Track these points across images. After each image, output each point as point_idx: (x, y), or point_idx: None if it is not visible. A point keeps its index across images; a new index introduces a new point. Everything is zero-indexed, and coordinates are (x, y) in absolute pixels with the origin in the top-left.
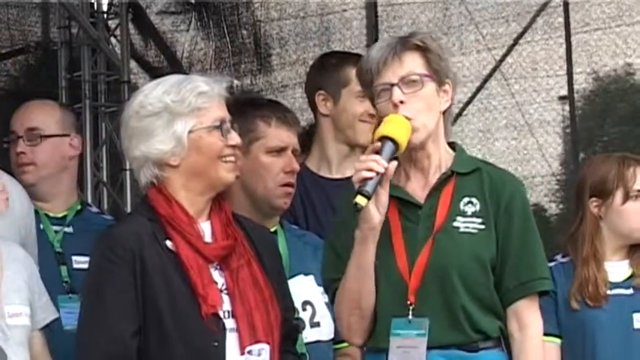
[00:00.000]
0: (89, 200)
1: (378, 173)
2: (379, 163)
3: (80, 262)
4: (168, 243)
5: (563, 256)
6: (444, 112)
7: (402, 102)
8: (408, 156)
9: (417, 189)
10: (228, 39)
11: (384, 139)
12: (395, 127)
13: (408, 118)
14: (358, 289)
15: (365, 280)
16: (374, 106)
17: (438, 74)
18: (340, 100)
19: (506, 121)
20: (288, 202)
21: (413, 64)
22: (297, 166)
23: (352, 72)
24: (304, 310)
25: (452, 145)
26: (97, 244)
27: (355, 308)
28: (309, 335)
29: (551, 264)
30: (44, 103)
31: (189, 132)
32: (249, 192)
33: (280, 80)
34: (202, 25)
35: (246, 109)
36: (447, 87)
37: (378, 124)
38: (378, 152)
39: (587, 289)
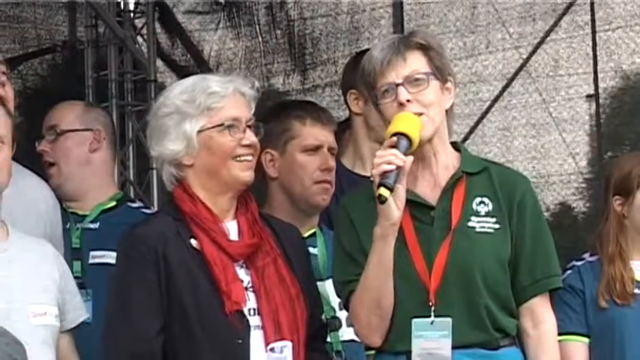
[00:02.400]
0: None
1: (397, 166)
2: (398, 157)
3: (97, 256)
4: (193, 241)
5: (591, 255)
6: (447, 111)
7: (408, 101)
8: (415, 154)
9: (427, 190)
10: (261, 39)
11: (397, 135)
12: (407, 123)
13: (416, 114)
14: (378, 288)
15: (385, 277)
16: (375, 106)
17: (441, 72)
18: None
19: (531, 119)
20: (326, 199)
21: (417, 63)
22: (333, 164)
23: None
24: (341, 309)
25: (455, 145)
26: (120, 244)
27: (376, 308)
28: (345, 334)
29: (579, 263)
30: (67, 102)
31: (199, 132)
32: (287, 191)
33: (312, 80)
34: (232, 24)
35: (281, 109)
36: (449, 85)
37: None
38: (393, 147)
39: (615, 288)
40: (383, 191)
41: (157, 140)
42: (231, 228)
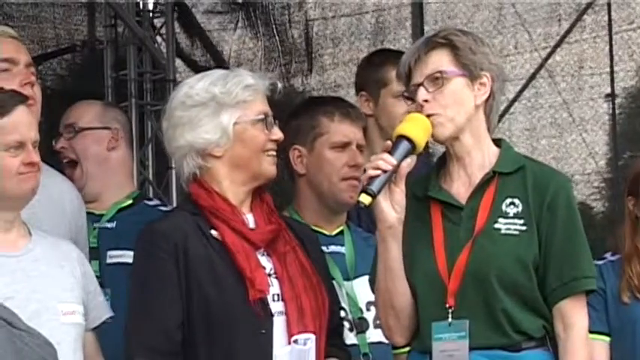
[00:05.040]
0: None
1: (385, 171)
2: (387, 162)
3: (115, 256)
4: (214, 232)
5: (612, 254)
6: (484, 106)
7: (426, 101)
8: (449, 154)
9: (461, 190)
10: (277, 38)
11: (399, 137)
12: (412, 125)
13: (432, 115)
14: (388, 289)
15: (393, 279)
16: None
17: (469, 68)
18: (379, 100)
19: (552, 119)
20: (354, 197)
21: (438, 61)
22: (361, 161)
23: (392, 72)
24: (368, 310)
25: (498, 142)
26: (139, 239)
27: (389, 308)
28: (372, 336)
29: (601, 262)
30: (85, 101)
31: (235, 124)
32: (315, 189)
33: (333, 80)
34: (250, 24)
35: (309, 105)
36: (484, 80)
37: None
38: (390, 151)
39: (634, 285)
40: (363, 198)
41: (185, 129)
42: (248, 218)
